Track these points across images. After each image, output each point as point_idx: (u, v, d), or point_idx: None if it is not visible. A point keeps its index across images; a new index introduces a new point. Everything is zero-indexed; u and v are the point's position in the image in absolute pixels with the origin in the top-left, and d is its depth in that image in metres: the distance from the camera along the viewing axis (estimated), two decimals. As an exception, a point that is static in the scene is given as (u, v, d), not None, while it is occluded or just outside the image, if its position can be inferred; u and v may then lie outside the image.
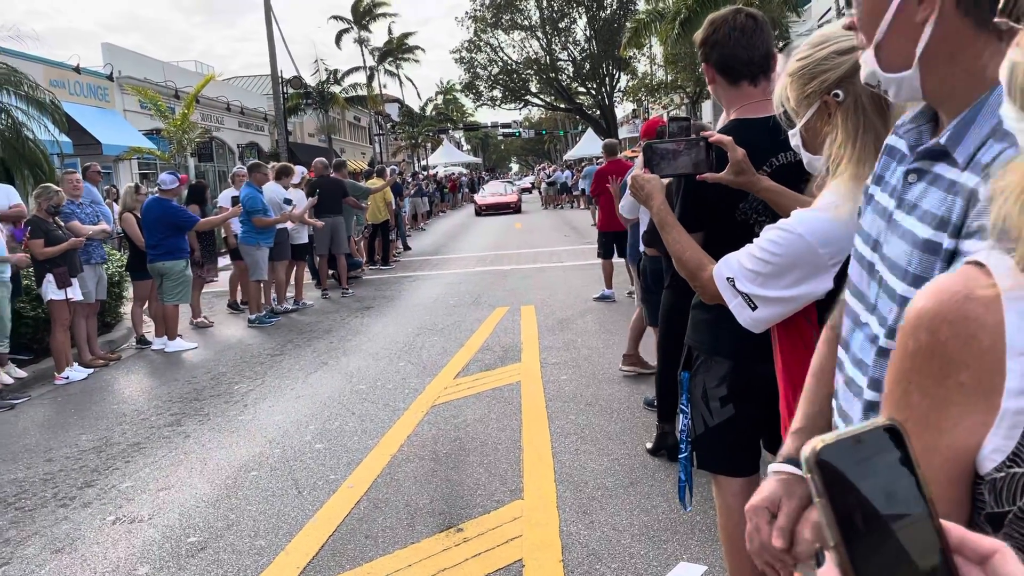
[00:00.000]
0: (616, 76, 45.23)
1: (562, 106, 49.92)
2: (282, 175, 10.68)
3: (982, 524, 0.72)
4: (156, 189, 9.03)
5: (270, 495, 4.34)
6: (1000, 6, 0.77)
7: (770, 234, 1.78)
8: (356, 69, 45.76)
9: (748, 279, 1.80)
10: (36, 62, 17.75)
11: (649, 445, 4.58)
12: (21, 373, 7.47)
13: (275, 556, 3.61)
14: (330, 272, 12.19)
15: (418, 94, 57.04)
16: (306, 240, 11.22)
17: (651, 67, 36.67)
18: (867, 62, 1.00)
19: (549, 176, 35.89)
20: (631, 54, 32.47)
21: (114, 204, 11.62)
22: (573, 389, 5.97)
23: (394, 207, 16.12)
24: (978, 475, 0.71)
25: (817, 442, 0.51)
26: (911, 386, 0.73)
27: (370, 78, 46.79)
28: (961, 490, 0.72)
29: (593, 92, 46.67)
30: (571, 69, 46.60)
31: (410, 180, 25.26)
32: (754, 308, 1.80)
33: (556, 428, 5.11)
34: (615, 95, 45.86)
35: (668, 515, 3.73)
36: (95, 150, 18.54)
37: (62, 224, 7.51)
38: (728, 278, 1.81)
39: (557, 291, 10.66)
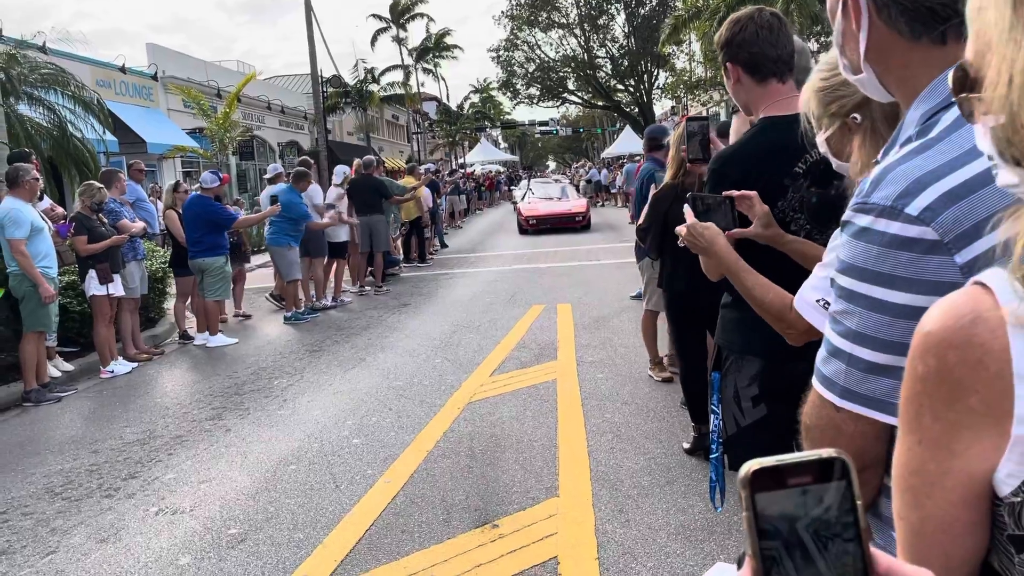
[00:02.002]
0: (655, 73, 44.94)
1: (600, 104, 49.75)
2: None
3: (1005, 545, 0.70)
4: (197, 187, 9.18)
5: (308, 489, 4.39)
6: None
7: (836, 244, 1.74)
8: (394, 67, 46.07)
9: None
10: (83, 63, 18.16)
11: (686, 445, 4.54)
12: (68, 367, 7.66)
13: (313, 549, 3.65)
14: (368, 269, 12.29)
15: (447, 95, 57.18)
16: (345, 238, 11.30)
17: (690, 64, 36.35)
18: (839, 64, 1.08)
19: (587, 173, 35.77)
20: (670, 51, 32.22)
21: (158, 202, 11.84)
22: (609, 387, 5.94)
23: (430, 205, 16.19)
24: (997, 496, 0.70)
25: (755, 464, 0.54)
26: (923, 408, 0.72)
27: (407, 76, 47.05)
28: (977, 512, 0.71)
29: (631, 89, 46.43)
30: (609, 66, 46.42)
31: (448, 178, 25.36)
32: None
33: (592, 426, 5.09)
34: (654, 92, 45.57)
35: (705, 515, 3.69)
36: (140, 148, 18.91)
37: (106, 221, 7.67)
38: (818, 300, 1.66)
39: (594, 289, 10.62)
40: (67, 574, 3.60)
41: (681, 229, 2.04)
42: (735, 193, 2.08)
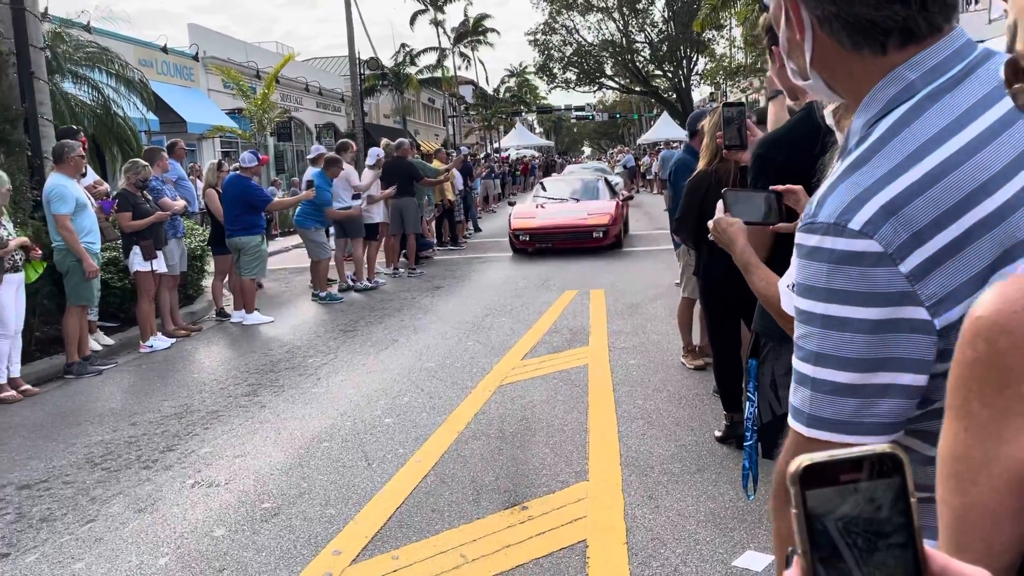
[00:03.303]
0: (694, 59, 44.43)
1: (637, 89, 49.32)
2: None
3: None
4: (236, 166, 9.29)
5: (341, 466, 4.45)
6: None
7: None
8: (431, 50, 46.06)
9: None
10: (127, 42, 18.43)
11: (718, 433, 4.52)
12: (109, 341, 7.82)
13: (344, 525, 3.70)
14: (401, 252, 12.35)
15: (485, 79, 56.96)
16: (378, 220, 11.37)
17: (730, 49, 35.86)
18: (787, 68, 1.11)
19: (621, 159, 35.52)
20: (710, 36, 31.80)
21: (197, 181, 12.00)
22: (641, 374, 5.93)
23: (461, 188, 16.20)
24: None
25: (806, 460, 0.53)
26: (971, 395, 0.71)
27: (443, 59, 47.01)
28: (1022, 500, 0.70)
29: (670, 75, 45.97)
30: (647, 51, 45.98)
31: (482, 161, 25.33)
32: None
33: (623, 412, 5.09)
34: (692, 78, 45.07)
35: (736, 503, 3.68)
36: (180, 128, 19.17)
37: (150, 198, 7.79)
38: (789, 285, 1.73)
39: (627, 276, 10.58)
40: (106, 542, 3.69)
41: (711, 223, 2.04)
42: (780, 188, 2.06)
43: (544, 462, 4.33)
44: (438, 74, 45.10)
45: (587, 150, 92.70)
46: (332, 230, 11.07)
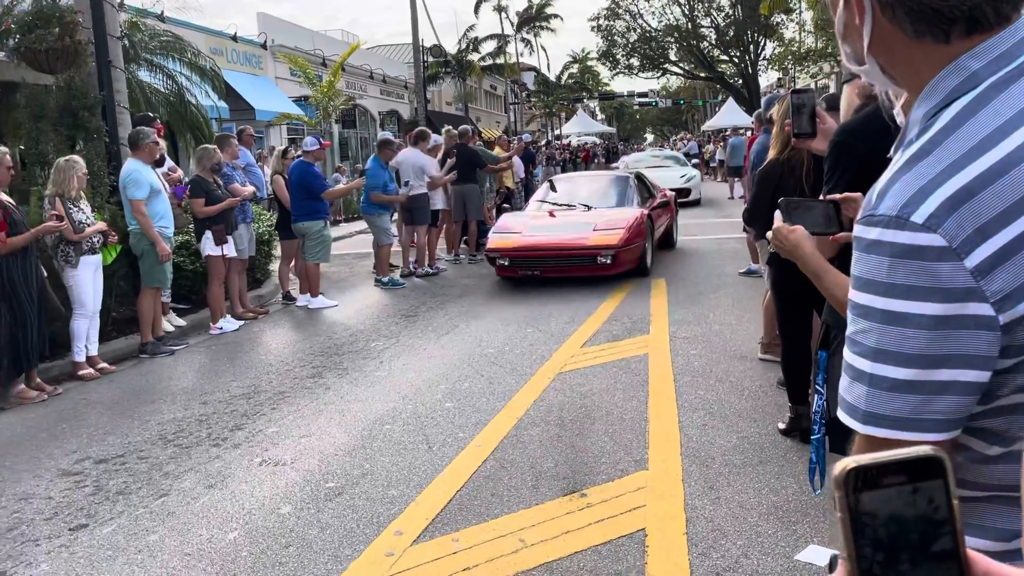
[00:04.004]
0: (761, 43, 43.43)
1: (702, 75, 48.49)
2: (419, 140, 10.94)
3: None
4: (300, 152, 9.48)
5: (402, 448, 4.52)
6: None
7: None
8: (493, 37, 46.05)
9: None
10: (198, 31, 18.90)
11: (782, 425, 4.44)
12: (181, 322, 8.08)
13: (406, 506, 3.77)
14: (462, 238, 12.43)
15: (548, 65, 56.57)
16: (440, 206, 11.47)
17: (800, 33, 34.95)
18: (841, 53, 1.08)
19: (684, 147, 35.03)
20: (778, 19, 31.04)
21: (264, 167, 12.27)
22: (703, 364, 5.86)
23: (522, 176, 16.21)
24: None
25: (851, 463, 0.53)
26: None
27: (504, 46, 46.94)
28: None
29: (736, 60, 45.05)
30: (713, 36, 45.12)
31: (543, 149, 25.26)
32: None
33: (684, 402, 5.04)
34: (759, 63, 44.09)
35: (799, 497, 3.62)
36: (249, 115, 19.61)
37: (222, 184, 8.01)
38: None
39: (690, 265, 10.45)
40: (177, 516, 3.83)
41: (770, 233, 2.02)
42: (838, 196, 2.02)
43: (603, 450, 4.33)
44: (500, 61, 45.08)
45: (649, 137, 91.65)
46: (395, 216, 11.21)
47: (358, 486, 4.04)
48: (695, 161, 26.31)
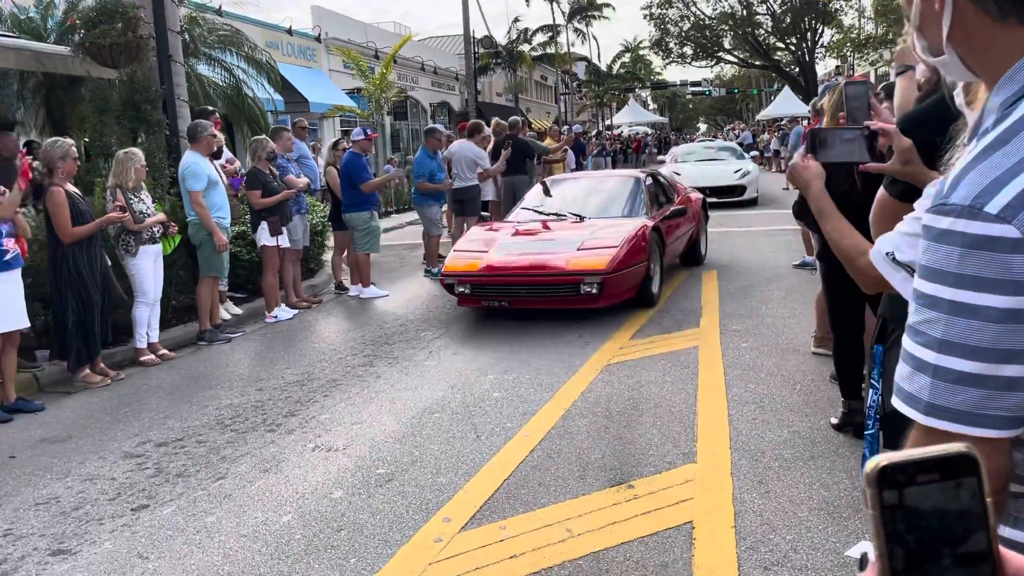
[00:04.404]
0: (819, 30, 42.45)
1: (757, 63, 47.60)
2: (474, 132, 10.99)
3: None
4: (350, 143, 9.62)
5: (451, 437, 4.57)
6: None
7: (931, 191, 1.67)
8: (545, 28, 45.87)
9: (910, 246, 1.68)
10: (255, 25, 19.25)
11: (834, 420, 4.38)
12: (237, 310, 8.28)
13: (454, 493, 3.82)
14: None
15: (598, 55, 55.95)
16: (490, 197, 11.50)
17: (859, 20, 34.07)
18: (915, 46, 1.05)
19: (738, 137, 34.48)
20: (837, 5, 30.29)
21: (318, 158, 12.47)
22: (753, 358, 5.80)
23: (573, 167, 16.15)
24: None
25: (883, 460, 0.53)
26: None
27: (556, 36, 46.72)
28: None
29: (792, 48, 44.12)
30: (769, 23, 44.23)
31: (593, 139, 25.14)
32: None
33: (733, 396, 5.00)
34: (817, 51, 43.11)
35: (851, 492, 3.57)
36: (303, 107, 19.91)
37: (278, 175, 8.16)
38: (887, 253, 1.68)
39: (741, 256, 10.31)
40: (234, 498, 3.94)
41: (788, 165, 2.02)
42: (875, 125, 1.98)
43: (651, 442, 4.32)
44: (551, 51, 44.89)
45: (702, 127, 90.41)
46: (445, 207, 11.29)
47: (407, 473, 4.10)
48: (753, 153, 23.58)
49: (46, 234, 6.06)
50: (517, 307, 7.39)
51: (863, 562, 0.56)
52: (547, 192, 9.14)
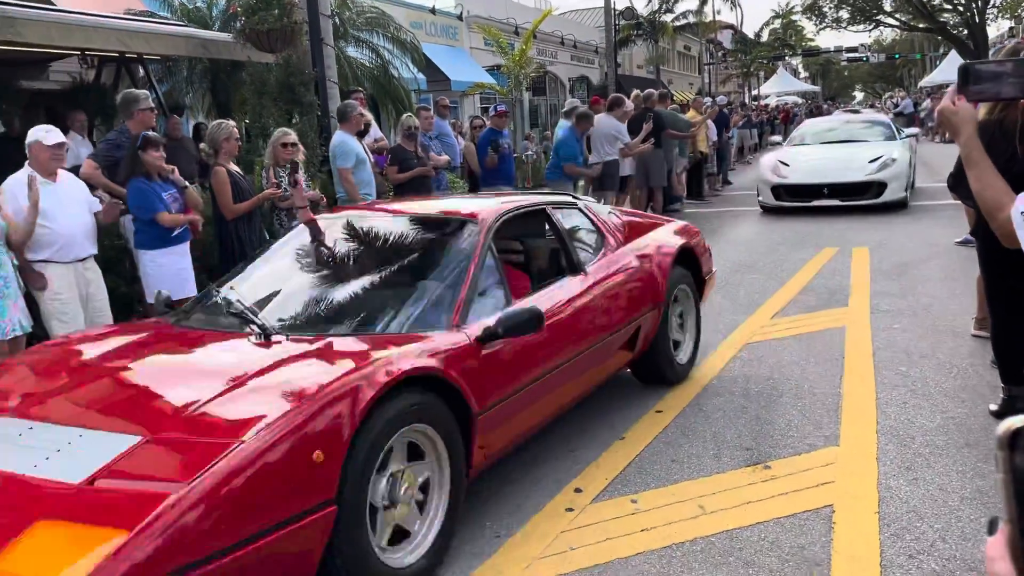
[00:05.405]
0: (991, -12, 38.96)
1: (921, 26, 44.25)
2: (614, 106, 10.89)
3: None
4: (487, 120, 9.78)
5: (584, 410, 4.59)
6: None
7: None
8: (689, -4, 44.53)
9: None
10: (399, 6, 19.80)
11: (994, 407, 4.09)
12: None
13: (586, 466, 3.86)
14: (649, 205, 12.28)
15: (741, 22, 53.55)
16: (627, 172, 11.36)
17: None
18: None
19: (897, 106, 32.32)
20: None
21: (460, 137, 12.73)
22: (906, 340, 5.48)
23: (715, 140, 15.67)
24: None
25: (1017, 422, 0.51)
26: None
27: (703, 4, 45.26)
28: None
29: (960, 8, 40.71)
30: (935, -18, 41.00)
31: (738, 110, 24.25)
32: None
33: (882, 379, 4.76)
34: (988, 11, 39.60)
35: (1010, 485, 3.34)
36: (444, 86, 20.36)
37: (420, 153, 8.41)
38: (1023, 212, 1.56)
39: (897, 233, 9.73)
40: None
41: (937, 108, 1.90)
42: None
43: (791, 423, 4.20)
44: (695, 20, 43.52)
45: (858, 95, 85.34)
46: (581, 183, 11.27)
47: (540, 443, 4.17)
48: (911, 132, 15.10)
49: (212, 211, 6.53)
50: None
51: (992, 526, 0.55)
52: (316, 237, 4.40)
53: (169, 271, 5.59)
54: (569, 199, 4.95)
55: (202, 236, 6.27)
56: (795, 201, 11.70)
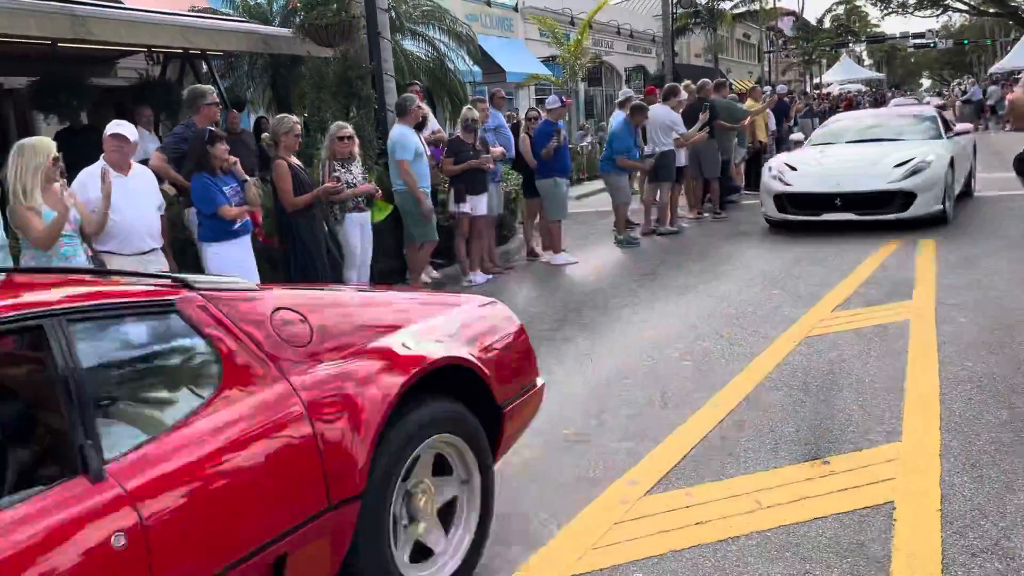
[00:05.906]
0: (1069, -32, 37.30)
1: (991, 11, 42.60)
2: (669, 96, 10.77)
3: None
4: (544, 112, 9.75)
5: (638, 403, 4.60)
6: None
7: None
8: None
9: None
10: (456, -1, 19.87)
11: (1066, 404, 3.95)
12: (436, 275, 8.72)
13: (639, 460, 3.85)
14: (706, 195, 12.12)
15: (801, 8, 52.17)
16: (682, 163, 11.22)
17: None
18: None
19: (965, 93, 31.22)
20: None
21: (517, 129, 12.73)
22: (974, 333, 5.32)
23: (774, 130, 15.37)
24: None
25: None
26: None
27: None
28: None
29: (1034, -10, 39.07)
30: (1007, -37, 39.39)
31: (800, 99, 23.73)
32: None
33: (947, 374, 4.63)
34: (1065, -8, 37.92)
35: (1082, 485, 3.23)
36: (500, 78, 20.37)
37: (478, 147, 8.43)
38: None
39: (966, 223, 9.42)
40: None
41: (1009, 96, 1.82)
42: None
43: (851, 418, 4.12)
44: (755, 7, 42.69)
45: (925, 82, 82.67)
46: (638, 173, 11.18)
47: (595, 435, 4.18)
48: (962, 129, 11.64)
49: (273, 203, 6.67)
50: None
51: None
52: None
53: (232, 262, 5.72)
54: (168, 298, 2.39)
55: (262, 230, 6.40)
56: (801, 214, 9.46)
